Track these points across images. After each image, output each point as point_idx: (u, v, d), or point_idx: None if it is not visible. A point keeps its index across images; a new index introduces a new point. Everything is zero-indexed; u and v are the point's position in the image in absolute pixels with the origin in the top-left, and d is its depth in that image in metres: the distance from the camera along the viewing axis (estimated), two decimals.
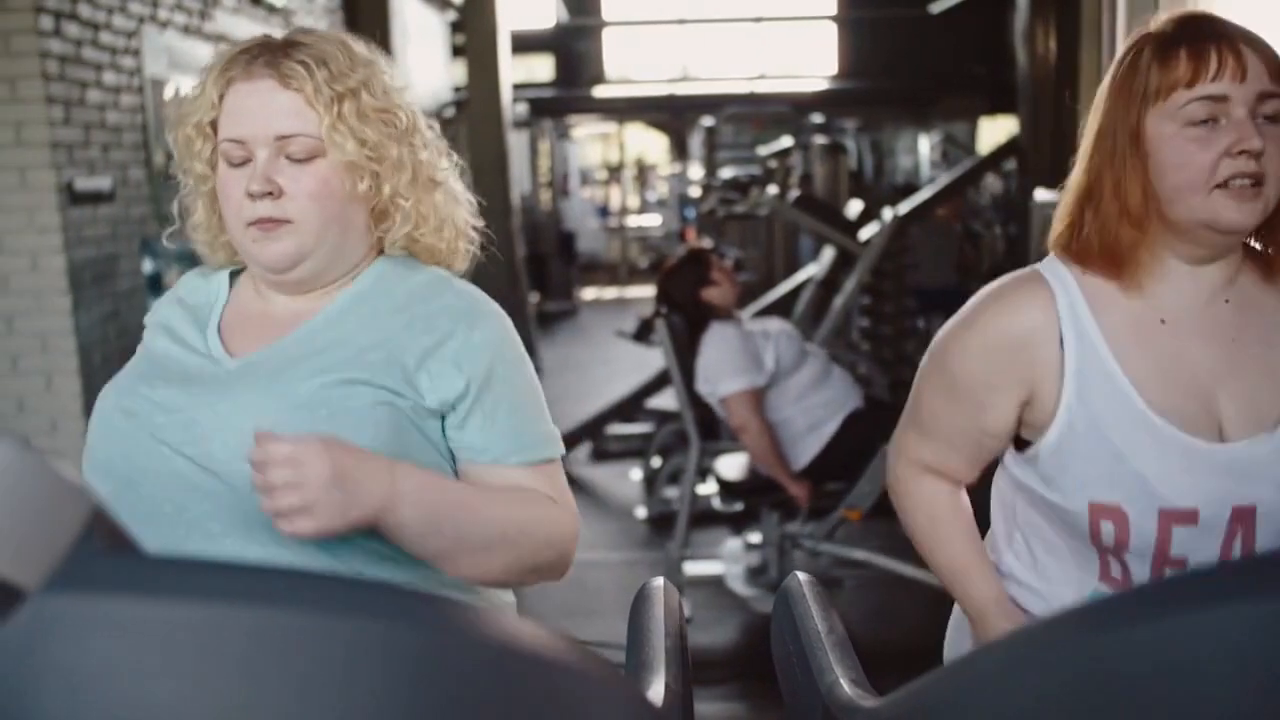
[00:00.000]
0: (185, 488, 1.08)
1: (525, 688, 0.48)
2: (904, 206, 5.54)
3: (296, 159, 1.12)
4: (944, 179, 6.63)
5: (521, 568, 1.14)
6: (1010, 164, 6.97)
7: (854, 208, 6.11)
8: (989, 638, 1.30)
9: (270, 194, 1.11)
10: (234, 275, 1.26)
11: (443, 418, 1.14)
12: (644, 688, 0.85)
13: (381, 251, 1.22)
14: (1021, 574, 1.33)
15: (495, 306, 1.22)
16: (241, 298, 1.23)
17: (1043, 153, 5.26)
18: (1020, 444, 1.27)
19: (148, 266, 4.51)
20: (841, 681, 0.98)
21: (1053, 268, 1.23)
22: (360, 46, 1.19)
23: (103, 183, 4.25)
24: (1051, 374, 1.19)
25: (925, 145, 12.98)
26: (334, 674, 0.40)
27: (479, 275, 1.32)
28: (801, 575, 1.19)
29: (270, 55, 1.13)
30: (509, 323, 1.22)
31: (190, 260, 1.29)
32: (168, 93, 4.74)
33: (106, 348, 4.24)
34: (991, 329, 1.23)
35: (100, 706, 0.38)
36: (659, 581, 1.11)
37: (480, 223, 1.28)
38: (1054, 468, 1.20)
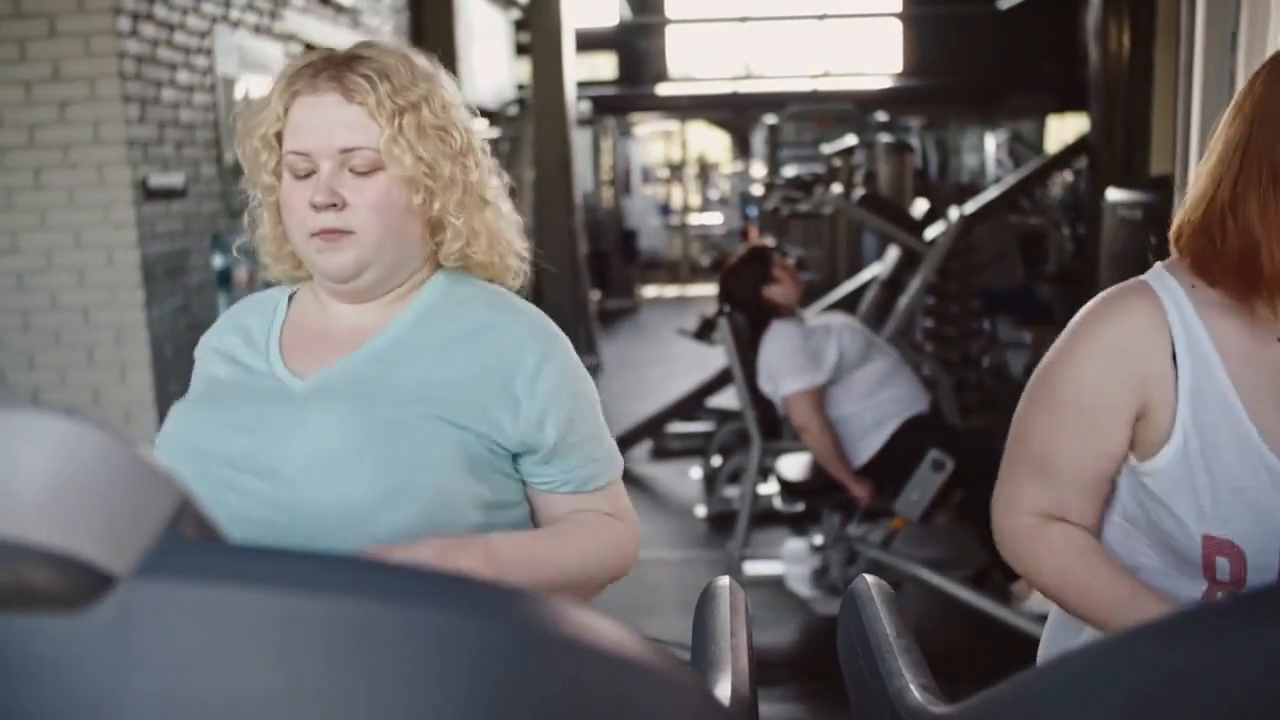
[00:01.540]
0: (251, 507, 1.10)
1: (602, 682, 0.48)
2: (970, 206, 5.46)
3: (359, 171, 1.14)
4: (1011, 178, 6.52)
5: (591, 591, 1.22)
6: (1080, 163, 6.84)
7: (919, 207, 6.04)
8: None
9: (334, 205, 1.14)
10: (290, 296, 1.29)
11: (512, 454, 1.18)
12: (712, 686, 0.85)
13: (438, 264, 1.24)
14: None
15: (556, 329, 1.24)
16: (302, 313, 1.25)
17: (1115, 152, 5.15)
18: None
19: (218, 261, 4.60)
20: (911, 686, 0.97)
21: (1160, 278, 1.16)
22: (422, 60, 1.20)
23: (176, 179, 4.34)
24: (1165, 387, 1.12)
25: (991, 144, 12.79)
26: (417, 665, 0.40)
27: (542, 273, 1.34)
28: (869, 577, 1.18)
29: (334, 69, 1.15)
30: (569, 345, 1.24)
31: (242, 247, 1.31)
32: (238, 91, 4.83)
33: (177, 340, 4.33)
34: (1097, 338, 1.16)
35: (186, 690, 0.38)
36: (724, 580, 1.10)
37: (527, 243, 1.30)
38: (1166, 494, 1.13)
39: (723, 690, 0.85)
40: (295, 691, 0.39)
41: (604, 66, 14.05)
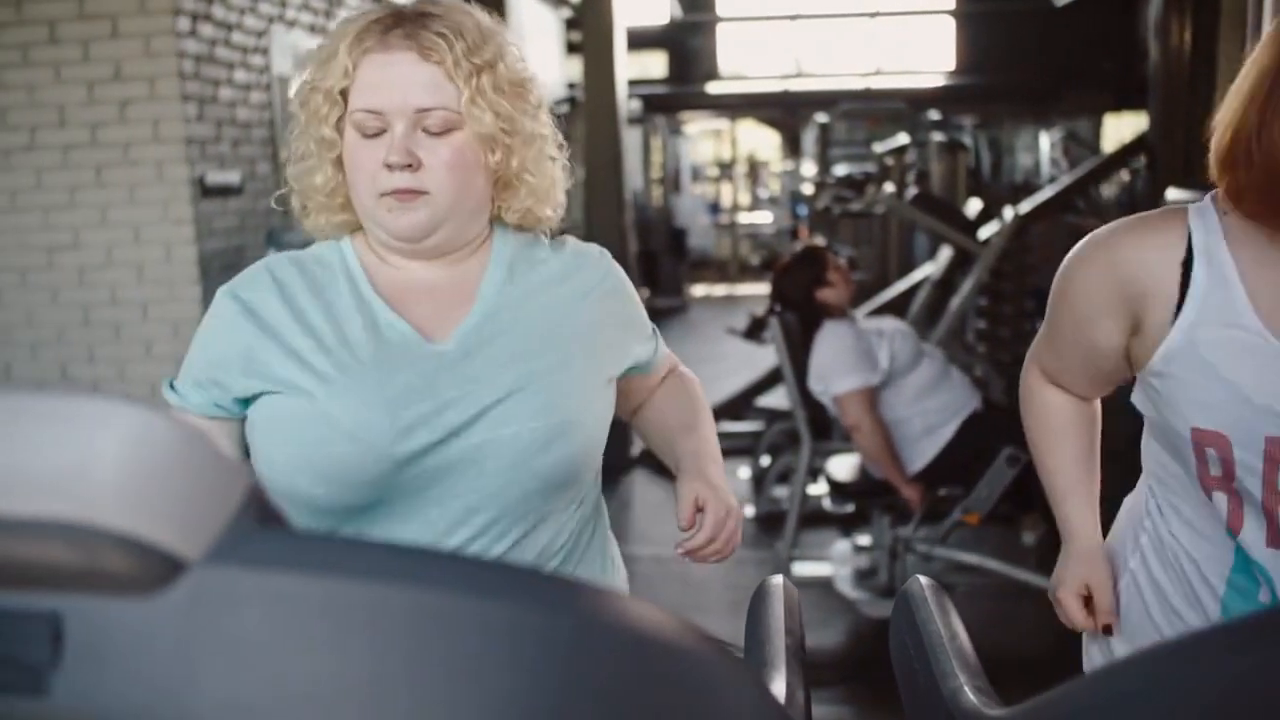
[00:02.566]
0: (444, 468, 1.14)
1: (665, 676, 0.48)
2: (1025, 205, 5.39)
3: (433, 132, 1.13)
4: (1067, 177, 6.43)
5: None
6: (1138, 162, 6.73)
7: (972, 206, 5.98)
8: (1065, 559, 1.41)
9: (409, 166, 1.12)
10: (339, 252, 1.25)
11: None
12: (768, 685, 0.84)
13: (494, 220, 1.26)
14: (1150, 512, 1.34)
15: (597, 246, 1.35)
16: (375, 270, 1.22)
17: (1175, 150, 5.06)
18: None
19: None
20: (966, 689, 0.95)
21: (1199, 205, 1.22)
22: (485, 16, 1.19)
23: (232, 177, 4.41)
24: (1165, 302, 1.19)
25: (1045, 142, 12.62)
26: (481, 656, 0.41)
27: None
28: (922, 579, 1.16)
29: (407, 26, 1.13)
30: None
31: (281, 199, 1.30)
32: (292, 89, 4.89)
33: None
34: (1109, 252, 1.25)
35: (253, 675, 0.39)
36: (778, 579, 1.09)
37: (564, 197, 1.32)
38: (1161, 388, 1.22)
39: (778, 689, 0.85)
40: (360, 679, 0.39)
41: (654, 65, 14.05)
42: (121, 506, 0.38)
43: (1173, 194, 3.97)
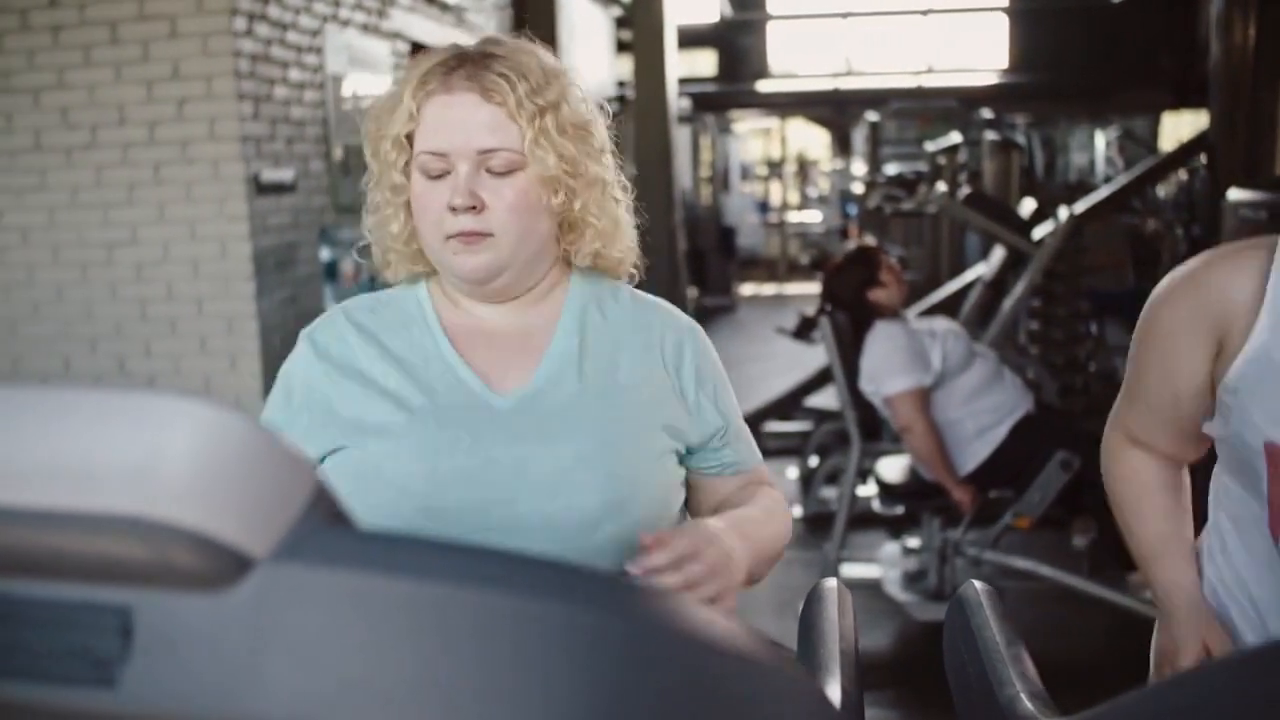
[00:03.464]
0: (484, 530, 1.09)
1: (720, 677, 0.48)
2: (1080, 205, 5.31)
3: (497, 172, 1.12)
4: (1124, 177, 6.33)
5: (775, 560, 1.24)
6: (1197, 161, 6.60)
7: (1026, 206, 5.90)
8: (1169, 625, 1.31)
9: (473, 208, 1.12)
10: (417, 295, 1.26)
11: (688, 450, 1.23)
12: (823, 687, 0.84)
13: (567, 264, 1.24)
14: (1214, 552, 1.31)
15: (691, 319, 1.29)
16: (448, 313, 1.22)
17: (1237, 149, 4.96)
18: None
19: (325, 254, 4.72)
20: (1022, 695, 0.94)
21: None
22: (549, 56, 1.19)
23: (286, 174, 4.46)
24: (1246, 322, 1.17)
25: (1101, 141, 12.43)
26: (541, 656, 0.41)
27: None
28: (977, 583, 1.15)
29: (470, 68, 1.13)
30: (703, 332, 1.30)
31: (365, 249, 1.30)
32: (346, 88, 4.94)
33: (285, 331, 4.45)
34: (1194, 281, 1.23)
35: (320, 674, 0.39)
36: (832, 582, 1.09)
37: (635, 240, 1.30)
38: (1234, 403, 1.19)
39: (832, 692, 0.84)
40: (424, 677, 0.39)
41: (704, 63, 14.02)
42: (192, 503, 0.38)
43: (1234, 194, 3.89)
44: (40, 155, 4.31)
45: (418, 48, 5.64)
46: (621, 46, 10.26)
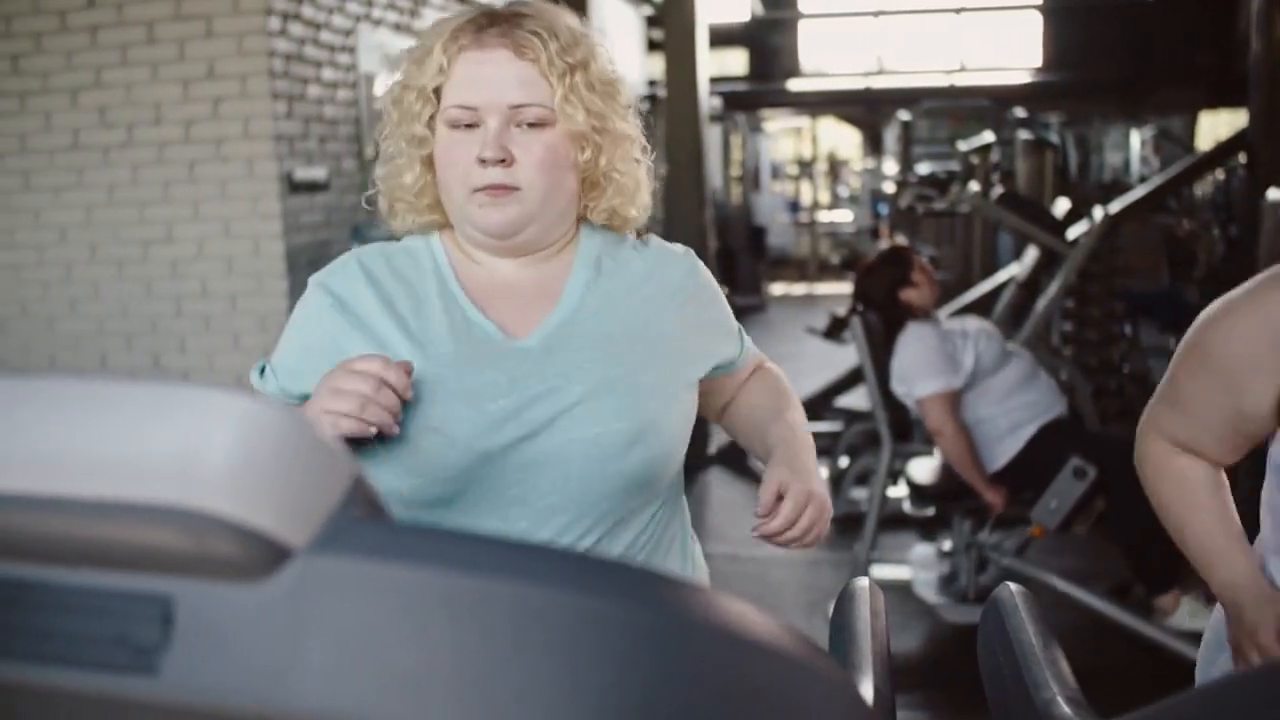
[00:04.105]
0: (526, 465, 1.14)
1: (756, 673, 0.47)
2: (1115, 205, 5.25)
3: (526, 128, 1.14)
4: (1160, 176, 6.25)
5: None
6: (1235, 161, 6.51)
7: (1060, 206, 5.85)
8: (1244, 622, 1.27)
9: (503, 161, 1.13)
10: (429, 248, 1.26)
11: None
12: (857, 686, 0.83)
13: (580, 219, 1.26)
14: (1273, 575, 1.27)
15: (684, 247, 1.34)
16: (461, 267, 1.23)
17: (1277, 149, 4.89)
18: None
19: None
20: (1060, 699, 0.93)
21: None
22: (575, 19, 1.21)
23: (319, 173, 4.49)
24: None
25: (1136, 140, 12.29)
26: (577, 650, 0.40)
27: None
28: (1012, 585, 1.14)
29: (502, 25, 1.15)
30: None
31: (371, 200, 1.31)
32: (378, 87, 4.97)
33: None
34: (1260, 306, 1.21)
35: (358, 665, 0.39)
36: (864, 581, 1.08)
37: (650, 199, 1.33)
38: None
39: (865, 691, 0.84)
40: (461, 670, 0.39)
41: (734, 62, 13.99)
42: (231, 494, 0.39)
43: (1274, 194, 3.84)
44: (78, 154, 4.37)
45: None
46: (652, 45, 10.26)
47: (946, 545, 3.83)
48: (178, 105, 4.25)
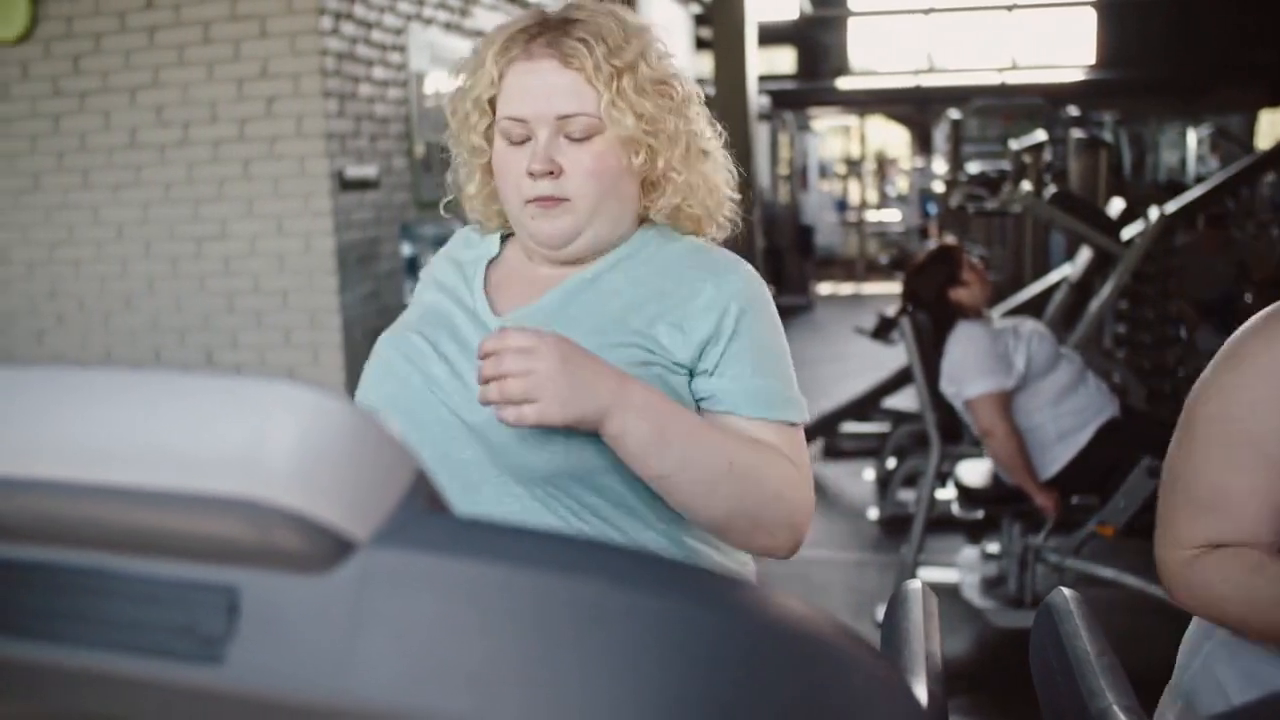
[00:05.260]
0: (449, 435, 1.11)
1: (819, 676, 0.47)
2: (1171, 205, 5.16)
3: (575, 138, 1.15)
4: (1217, 176, 6.14)
5: (746, 515, 1.10)
6: None
7: (1114, 206, 5.76)
8: None
9: (551, 173, 1.14)
10: (505, 237, 1.30)
11: (690, 373, 1.14)
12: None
13: (643, 220, 1.25)
14: None
15: (749, 268, 1.22)
16: (510, 259, 1.27)
17: None
18: None
19: (406, 250, 4.78)
20: (1115, 707, 0.92)
21: None
22: (632, 16, 1.20)
23: (369, 171, 4.53)
24: None
25: (1193, 139, 12.07)
26: (638, 648, 0.40)
27: None
28: (1067, 590, 1.12)
29: (550, 34, 1.15)
30: (762, 284, 1.21)
31: (449, 204, 1.34)
32: (428, 86, 5.00)
33: (367, 325, 4.53)
34: (1266, 361, 1.07)
35: (419, 658, 0.39)
36: (917, 584, 1.07)
37: (737, 195, 1.29)
38: None
39: (919, 694, 0.83)
40: (521, 665, 0.39)
41: (783, 60, 13.93)
42: (296, 487, 0.39)
43: None
44: (135, 152, 4.44)
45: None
46: (700, 44, 10.24)
47: (994, 548, 3.79)
48: (232, 104, 4.31)
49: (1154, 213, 4.75)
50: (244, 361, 4.48)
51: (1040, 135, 7.18)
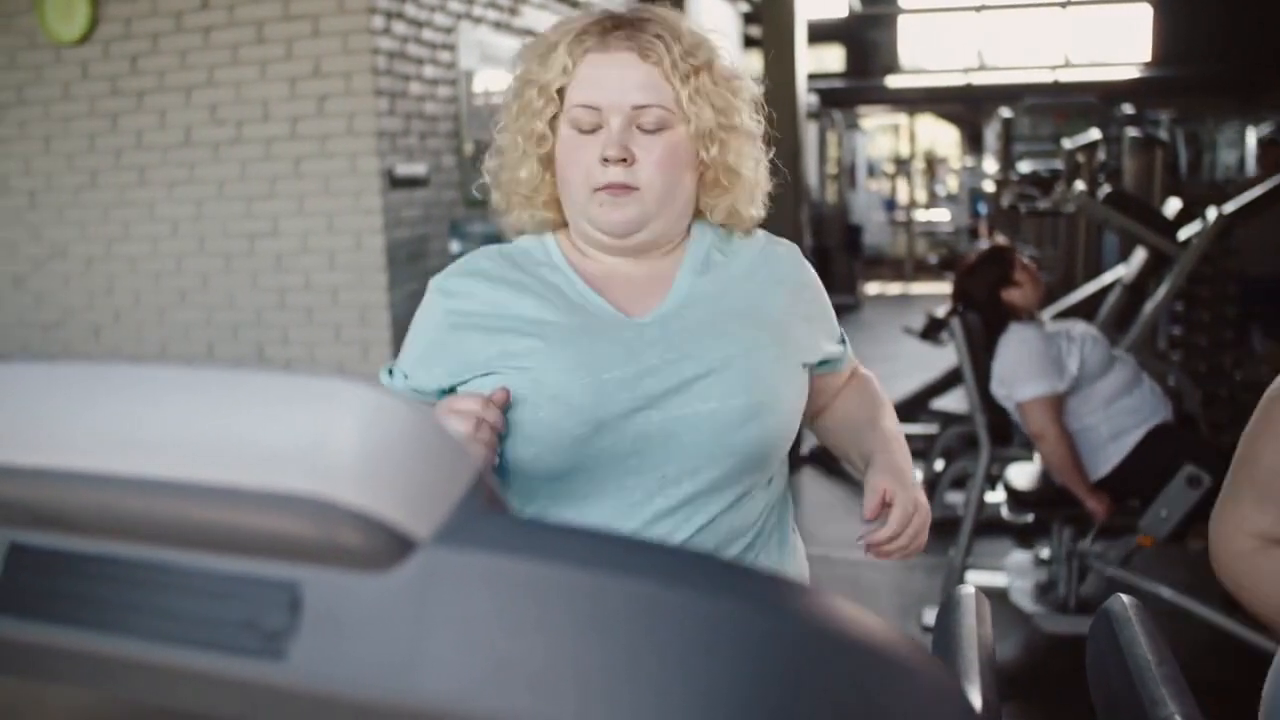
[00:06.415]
0: (643, 437, 1.16)
1: (874, 680, 0.46)
2: (1230, 205, 5.06)
3: (648, 129, 1.17)
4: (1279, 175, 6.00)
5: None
6: None
7: (1171, 206, 5.66)
8: None
9: (624, 160, 1.17)
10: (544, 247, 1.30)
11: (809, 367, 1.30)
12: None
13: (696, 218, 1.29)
14: None
15: (791, 243, 1.35)
16: (580, 264, 1.26)
17: None
18: None
19: (455, 247, 4.81)
20: (1178, 718, 0.90)
21: None
22: (697, 24, 1.24)
23: (419, 169, 4.56)
24: None
25: (1252, 138, 11.82)
26: (695, 650, 0.40)
27: None
28: (1125, 597, 1.10)
29: (627, 29, 1.18)
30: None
31: (494, 242, 1.34)
32: (477, 84, 5.03)
33: None
34: None
35: (479, 657, 0.39)
36: (970, 589, 1.05)
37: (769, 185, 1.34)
38: None
39: (974, 700, 0.82)
40: (580, 665, 0.39)
41: (831, 58, 13.85)
42: (358, 484, 0.39)
43: None
44: (190, 150, 4.51)
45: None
46: (749, 42, 10.20)
47: (1044, 553, 3.74)
48: (285, 103, 4.36)
49: (1212, 213, 4.66)
50: (294, 357, 4.53)
51: (1094, 134, 7.07)
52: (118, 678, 0.43)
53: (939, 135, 17.18)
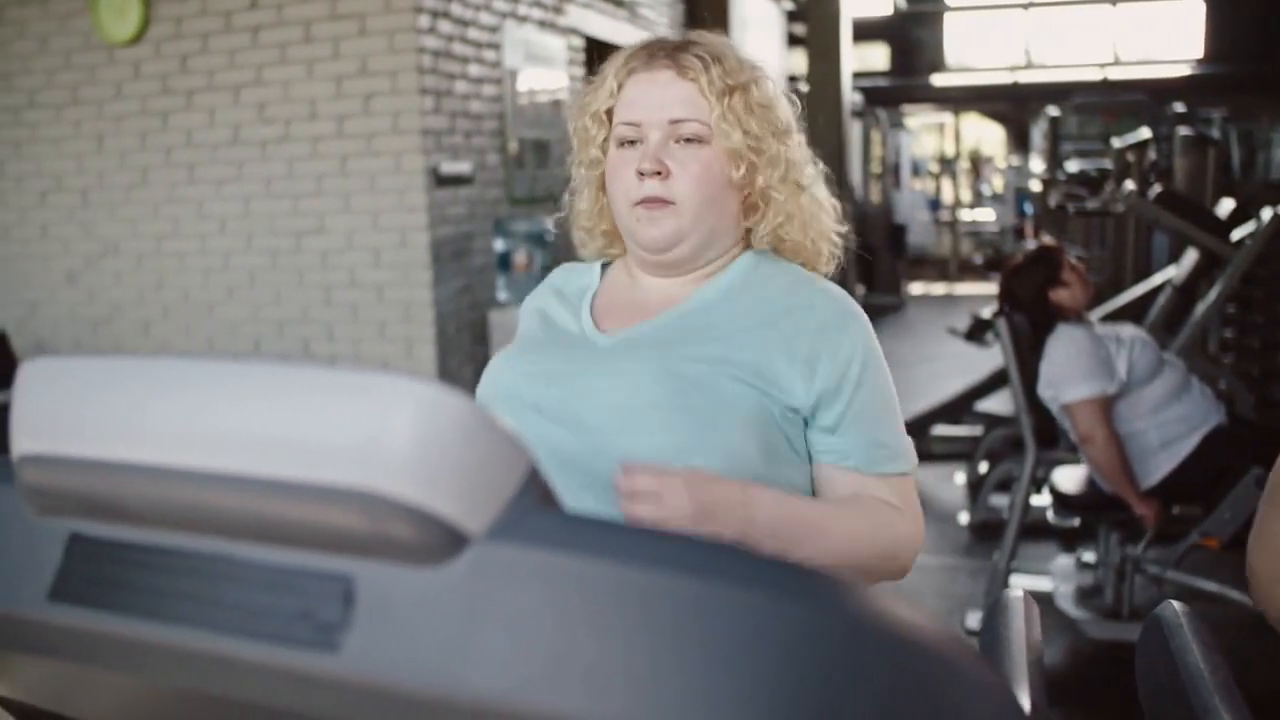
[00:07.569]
0: (554, 451, 1.14)
1: (926, 680, 0.46)
2: None
3: (685, 143, 1.20)
4: None
5: (860, 572, 1.16)
6: None
7: (1223, 206, 5.57)
8: None
9: (659, 174, 1.19)
10: (604, 267, 1.35)
11: (805, 421, 1.18)
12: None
13: (748, 245, 1.29)
14: None
15: (859, 309, 1.23)
16: (613, 283, 1.31)
17: None
18: None
19: (499, 245, 4.83)
20: None
21: None
22: (746, 53, 1.27)
23: (463, 167, 4.59)
24: None
25: None
26: (741, 646, 0.40)
27: None
28: (1176, 604, 1.09)
29: (670, 51, 1.23)
30: (871, 328, 1.23)
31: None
32: (521, 83, 5.04)
33: (459, 319, 4.59)
34: None
35: (530, 650, 0.39)
36: (1019, 593, 1.04)
37: (844, 228, 1.32)
38: None
39: (1023, 703, 0.81)
40: (629, 659, 0.39)
41: (876, 57, 13.76)
42: (412, 480, 0.39)
43: None
44: (238, 148, 4.57)
45: (593, 43, 5.72)
46: (793, 40, 10.16)
47: (1089, 557, 3.68)
48: (331, 101, 4.40)
49: (1266, 213, 4.58)
50: (339, 353, 4.58)
51: (1144, 132, 6.96)
52: (173, 666, 0.44)
53: (984, 134, 17.01)
